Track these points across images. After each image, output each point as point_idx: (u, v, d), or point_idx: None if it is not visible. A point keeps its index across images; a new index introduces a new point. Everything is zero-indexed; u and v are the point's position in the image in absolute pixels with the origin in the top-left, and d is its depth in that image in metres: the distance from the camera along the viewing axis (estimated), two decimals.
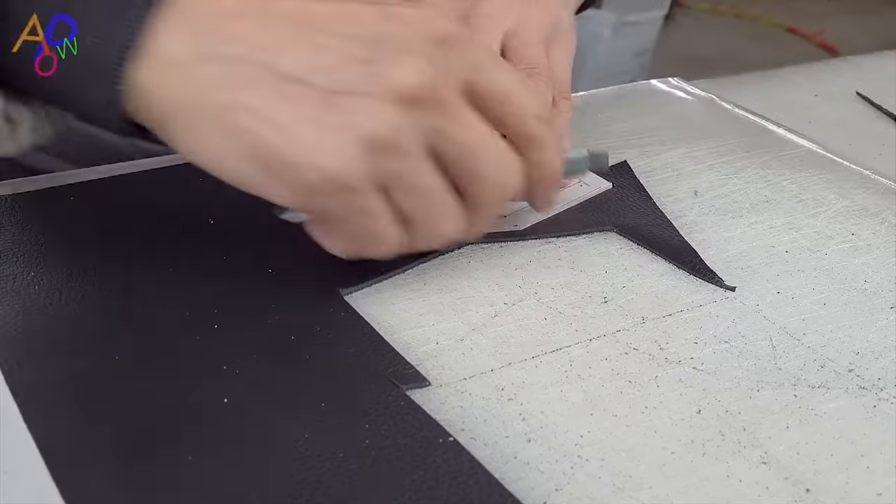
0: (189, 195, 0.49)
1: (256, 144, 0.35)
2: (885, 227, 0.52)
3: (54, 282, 0.41)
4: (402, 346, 0.40)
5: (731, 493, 0.34)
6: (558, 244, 0.48)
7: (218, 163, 0.36)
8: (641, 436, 0.37)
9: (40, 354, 0.38)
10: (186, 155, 0.37)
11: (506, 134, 0.40)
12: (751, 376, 0.40)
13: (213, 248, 0.45)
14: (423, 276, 0.45)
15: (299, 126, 0.35)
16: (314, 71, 0.35)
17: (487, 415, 0.37)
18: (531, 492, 0.34)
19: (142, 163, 0.53)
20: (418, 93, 0.36)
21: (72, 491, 0.31)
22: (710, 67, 2.69)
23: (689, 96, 0.69)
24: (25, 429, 0.34)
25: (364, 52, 0.36)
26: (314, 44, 0.35)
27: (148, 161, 0.53)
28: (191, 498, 0.32)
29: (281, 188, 0.36)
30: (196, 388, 0.36)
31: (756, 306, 0.45)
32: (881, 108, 0.70)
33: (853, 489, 0.35)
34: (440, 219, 0.39)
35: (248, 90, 0.35)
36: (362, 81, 0.35)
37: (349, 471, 0.33)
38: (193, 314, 0.40)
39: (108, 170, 0.51)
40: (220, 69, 0.35)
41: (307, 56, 0.35)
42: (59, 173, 0.50)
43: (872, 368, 0.41)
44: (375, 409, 0.36)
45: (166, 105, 0.36)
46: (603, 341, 0.42)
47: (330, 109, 0.35)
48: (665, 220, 0.51)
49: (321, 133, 0.35)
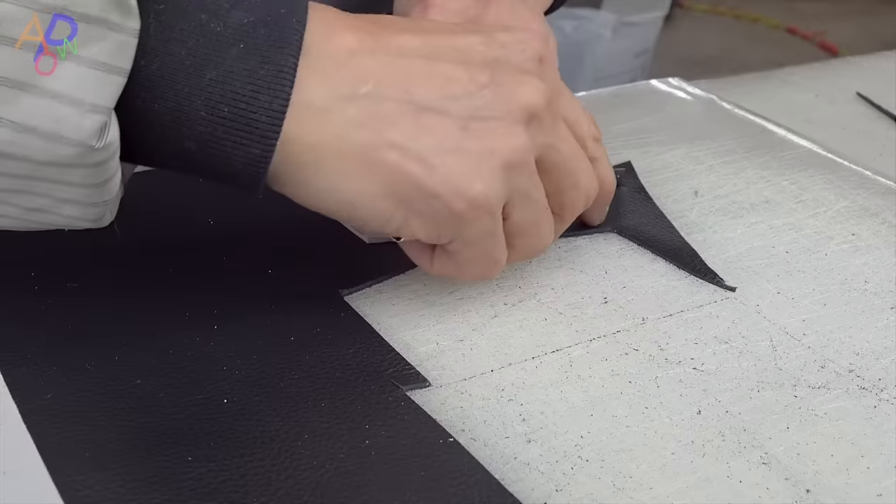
0: (189, 195, 0.49)
1: (400, 180, 0.36)
2: (886, 228, 0.52)
3: (54, 282, 0.41)
4: (403, 347, 0.40)
5: (731, 493, 0.34)
6: (558, 245, 0.48)
7: (354, 203, 0.36)
8: (641, 436, 0.36)
9: (40, 354, 0.38)
10: (315, 201, 0.37)
11: None
12: (751, 377, 0.40)
13: (213, 248, 0.45)
14: (422, 277, 0.45)
15: (443, 157, 0.36)
16: (447, 100, 0.36)
17: (487, 415, 0.37)
18: (531, 492, 0.34)
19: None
20: (540, 110, 0.38)
21: (71, 491, 0.31)
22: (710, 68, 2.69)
23: (689, 97, 0.68)
24: (25, 429, 0.34)
25: (487, 77, 0.37)
26: (440, 74, 0.37)
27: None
28: (191, 498, 0.32)
29: (416, 221, 0.37)
30: (196, 389, 0.36)
31: (756, 307, 0.45)
32: (881, 108, 0.70)
33: (853, 490, 0.35)
34: (543, 230, 0.41)
35: (389, 127, 0.36)
36: (494, 105, 0.37)
37: (349, 471, 0.33)
38: (193, 315, 0.40)
39: None
40: (360, 109, 0.35)
41: (438, 87, 0.36)
42: None
43: (873, 369, 0.41)
44: (375, 409, 0.36)
45: (308, 153, 0.35)
46: (603, 342, 0.42)
47: (467, 136, 0.36)
48: (665, 221, 0.50)
49: (465, 161, 0.36)
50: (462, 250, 0.39)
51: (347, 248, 0.46)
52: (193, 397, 0.36)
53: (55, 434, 0.34)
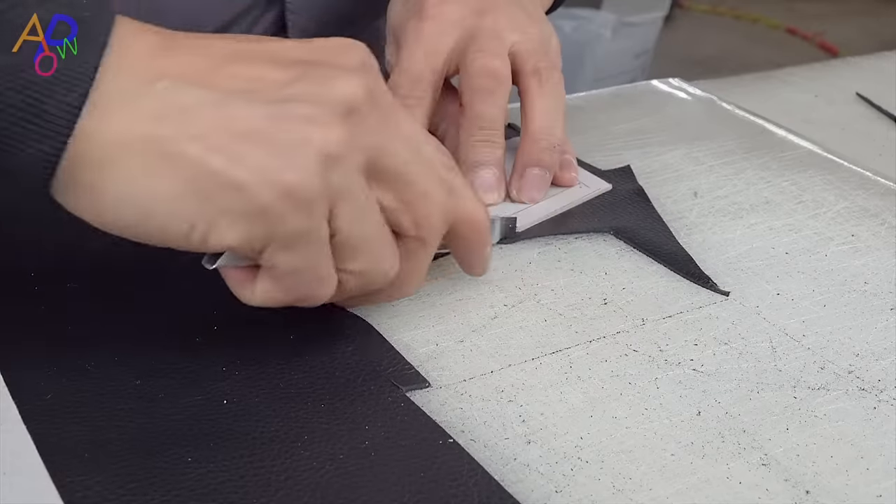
0: None
1: (203, 175, 0.32)
2: (885, 229, 0.52)
3: (54, 282, 0.41)
4: (402, 348, 0.40)
5: (730, 494, 0.34)
6: (558, 246, 0.48)
7: (151, 210, 0.33)
8: (641, 437, 0.36)
9: (40, 355, 0.38)
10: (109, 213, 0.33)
11: None
12: (751, 378, 0.40)
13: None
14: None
15: (249, 146, 0.33)
16: (255, 91, 0.34)
17: (487, 416, 0.37)
18: (531, 493, 0.34)
19: None
20: (360, 104, 0.35)
21: (71, 491, 0.31)
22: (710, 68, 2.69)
23: (689, 97, 0.69)
24: (25, 429, 0.34)
25: (299, 71, 0.35)
26: (248, 69, 0.34)
27: None
28: (190, 498, 0.32)
29: (223, 224, 0.33)
30: (195, 389, 0.36)
31: (756, 308, 0.45)
32: (881, 108, 0.70)
33: (853, 491, 0.35)
34: (381, 251, 0.37)
35: (190, 119, 0.33)
36: (307, 95, 0.34)
37: (349, 472, 0.33)
38: (193, 315, 0.40)
39: None
40: (159, 102, 0.33)
41: (245, 78, 0.34)
42: None
43: (872, 370, 0.41)
44: (375, 410, 0.36)
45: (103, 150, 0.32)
46: (603, 343, 0.42)
47: (277, 125, 0.33)
48: (661, 224, 0.50)
49: (274, 150, 0.33)
50: (280, 261, 0.34)
51: None
52: (193, 398, 0.36)
53: (55, 434, 0.34)
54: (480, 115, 0.49)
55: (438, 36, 0.50)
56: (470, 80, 0.50)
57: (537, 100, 0.50)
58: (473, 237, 0.41)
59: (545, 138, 0.50)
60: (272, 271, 0.35)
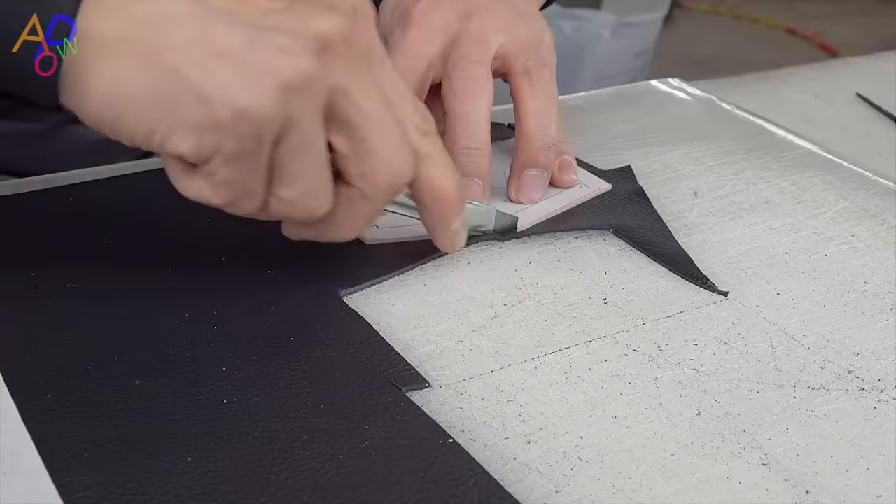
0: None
1: (174, 83, 0.35)
2: (885, 229, 0.52)
3: (54, 282, 0.41)
4: (402, 348, 0.40)
5: (730, 494, 0.34)
6: (558, 246, 0.48)
7: (123, 111, 0.35)
8: (641, 437, 0.36)
9: (40, 354, 0.38)
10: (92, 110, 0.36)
11: None
12: (750, 378, 0.40)
13: (213, 248, 0.45)
14: (422, 278, 0.45)
15: (220, 63, 0.35)
16: (240, 13, 0.35)
17: (487, 416, 0.37)
18: (531, 493, 0.34)
19: (141, 163, 0.53)
20: (335, 43, 0.36)
21: (71, 491, 0.31)
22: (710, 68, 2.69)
23: (689, 97, 0.69)
24: (25, 429, 0.34)
25: (283, 3, 0.36)
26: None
27: (147, 161, 0.53)
28: (190, 498, 0.32)
29: (180, 132, 0.35)
30: (195, 389, 0.36)
31: (756, 308, 0.45)
32: (881, 109, 0.70)
33: (853, 490, 0.35)
34: (313, 184, 0.38)
35: (174, 28, 0.35)
36: (286, 25, 0.35)
37: (349, 472, 0.33)
38: (193, 315, 0.40)
39: (107, 170, 0.51)
40: (148, 8, 0.35)
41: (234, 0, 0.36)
42: (57, 174, 0.50)
43: (872, 370, 0.41)
44: (375, 410, 0.36)
45: (93, 45, 0.35)
46: (603, 343, 0.42)
47: (252, 48, 0.35)
48: (661, 224, 0.50)
49: (241, 71, 0.35)
50: (219, 170, 0.36)
51: (347, 248, 0.46)
52: (193, 398, 0.36)
53: (55, 434, 0.34)
54: (462, 120, 0.49)
55: (422, 42, 0.50)
56: (451, 86, 0.50)
57: (529, 100, 0.51)
58: (436, 208, 0.41)
59: (540, 138, 0.50)
60: (209, 177, 0.37)
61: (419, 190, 0.41)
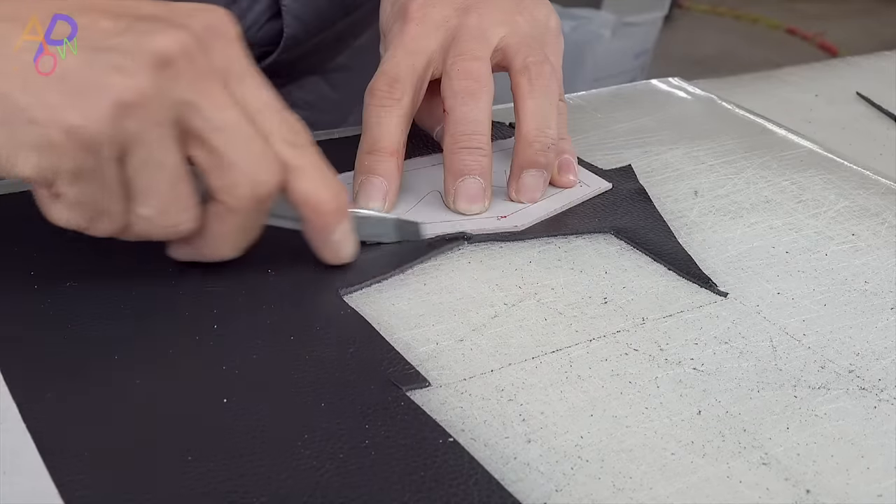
0: None
1: (8, 109, 0.36)
2: (886, 228, 0.52)
3: (53, 281, 0.41)
4: (402, 347, 0.40)
5: (731, 494, 0.34)
6: (558, 245, 0.48)
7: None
8: (641, 436, 0.36)
9: (40, 354, 0.38)
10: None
11: None
12: (751, 377, 0.40)
13: None
14: (422, 277, 0.45)
15: (50, 85, 0.36)
16: (80, 38, 0.36)
17: (487, 415, 0.37)
18: (531, 493, 0.34)
19: None
20: (175, 59, 0.37)
21: (71, 490, 0.31)
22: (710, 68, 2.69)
23: (689, 96, 0.68)
24: (25, 428, 0.34)
25: (130, 23, 0.37)
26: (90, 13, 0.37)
27: None
28: (190, 498, 0.32)
29: (22, 155, 0.36)
30: (196, 388, 0.36)
31: (756, 307, 0.45)
32: (881, 108, 0.70)
33: (853, 490, 0.35)
34: (172, 203, 0.38)
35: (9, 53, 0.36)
36: (124, 45, 0.36)
37: (349, 471, 0.33)
38: (193, 314, 0.40)
39: None
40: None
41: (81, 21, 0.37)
42: None
43: (873, 369, 0.41)
44: (375, 409, 0.36)
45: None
46: (603, 342, 0.42)
47: (86, 68, 0.36)
48: (662, 224, 0.50)
49: (72, 91, 0.36)
50: (67, 192, 0.38)
51: None
52: (193, 397, 0.36)
53: (54, 434, 0.34)
54: (463, 120, 0.48)
55: (420, 38, 0.50)
56: (451, 84, 0.49)
57: (527, 99, 0.50)
58: (313, 219, 0.42)
59: (538, 139, 0.49)
60: (62, 199, 0.38)
61: (294, 202, 0.41)
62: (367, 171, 0.48)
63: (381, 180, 0.48)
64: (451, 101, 0.49)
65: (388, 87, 0.49)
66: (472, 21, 0.51)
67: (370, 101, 0.49)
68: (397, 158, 0.49)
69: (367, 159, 0.48)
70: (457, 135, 0.49)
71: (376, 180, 0.48)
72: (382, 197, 0.48)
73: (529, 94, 0.50)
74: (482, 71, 0.49)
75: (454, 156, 0.48)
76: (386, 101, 0.49)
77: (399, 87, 0.49)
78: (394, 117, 0.49)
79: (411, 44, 0.50)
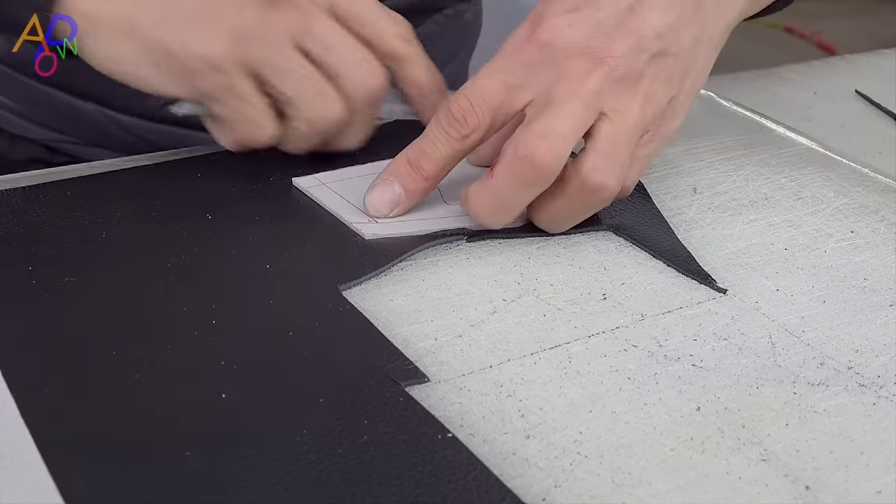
0: (187, 191, 0.49)
1: (151, 45, 0.46)
2: (885, 225, 0.52)
3: (51, 277, 0.41)
4: (401, 343, 0.40)
5: (730, 490, 0.34)
6: (557, 241, 0.48)
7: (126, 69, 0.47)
8: (640, 432, 0.36)
9: (38, 349, 0.37)
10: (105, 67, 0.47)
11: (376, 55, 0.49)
12: (750, 373, 0.40)
13: (211, 243, 0.45)
14: (421, 273, 0.45)
15: (180, 23, 0.46)
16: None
17: (486, 411, 0.37)
18: (530, 488, 0.33)
19: (139, 158, 0.53)
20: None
21: (69, 485, 0.31)
22: None
23: None
24: (23, 424, 0.34)
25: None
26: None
27: (146, 156, 0.53)
28: (188, 493, 0.32)
29: (170, 79, 0.47)
30: (194, 384, 0.36)
31: (755, 304, 0.45)
32: (880, 106, 0.70)
33: (853, 486, 0.35)
34: (315, 98, 0.47)
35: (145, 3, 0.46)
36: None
37: (348, 467, 0.33)
38: (192, 310, 0.40)
39: (106, 165, 0.51)
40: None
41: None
42: (54, 169, 0.50)
43: (872, 366, 0.41)
44: (374, 405, 0.36)
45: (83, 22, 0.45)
46: (602, 338, 0.41)
47: (208, 9, 0.46)
48: (661, 221, 0.50)
49: (195, 28, 0.46)
50: (216, 110, 0.48)
51: (345, 243, 0.46)
52: (191, 392, 0.36)
53: (53, 428, 0.34)
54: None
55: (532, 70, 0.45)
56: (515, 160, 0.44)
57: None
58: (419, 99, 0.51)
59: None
60: (214, 119, 0.48)
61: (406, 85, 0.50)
62: (396, 175, 0.47)
63: (402, 194, 0.47)
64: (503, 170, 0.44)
65: (464, 118, 0.45)
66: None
67: (441, 119, 0.45)
68: (431, 184, 0.47)
69: (404, 167, 0.46)
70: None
71: (397, 190, 0.47)
72: (391, 207, 0.47)
73: None
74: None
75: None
76: (454, 132, 0.45)
77: (474, 124, 0.45)
78: (452, 150, 0.45)
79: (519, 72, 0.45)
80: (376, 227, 0.47)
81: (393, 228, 0.47)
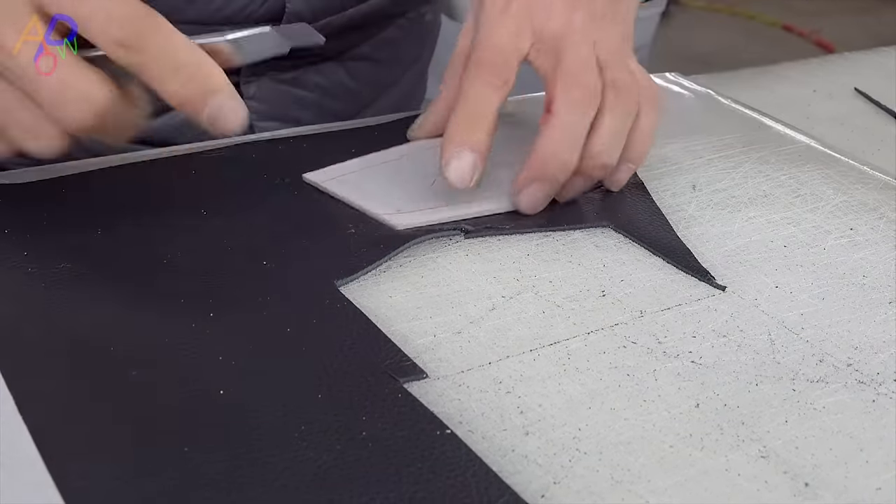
0: (184, 187, 0.49)
1: None
2: (884, 223, 0.52)
3: (48, 273, 0.41)
4: (400, 339, 0.40)
5: (729, 486, 0.34)
6: (556, 238, 0.48)
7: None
8: (640, 429, 0.36)
9: (35, 346, 0.37)
10: None
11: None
12: (749, 370, 0.40)
13: (208, 239, 0.45)
14: (420, 269, 0.45)
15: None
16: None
17: (485, 408, 0.37)
18: (529, 485, 0.33)
19: (135, 155, 0.53)
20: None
21: (67, 482, 0.31)
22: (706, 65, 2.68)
23: (687, 91, 0.68)
24: (21, 422, 0.34)
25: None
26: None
27: (142, 153, 0.53)
28: (187, 490, 0.31)
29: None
30: (192, 381, 0.36)
31: (754, 300, 0.45)
32: (879, 104, 0.70)
33: (852, 483, 0.35)
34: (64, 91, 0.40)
35: None
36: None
37: (347, 463, 0.33)
38: (189, 307, 0.40)
39: (102, 161, 0.51)
40: None
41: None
42: (50, 165, 0.50)
43: (871, 363, 0.41)
44: (373, 401, 0.36)
45: None
46: (601, 335, 0.41)
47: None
48: (661, 218, 0.50)
49: None
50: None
51: (342, 238, 0.46)
52: (189, 388, 0.36)
53: (50, 425, 0.34)
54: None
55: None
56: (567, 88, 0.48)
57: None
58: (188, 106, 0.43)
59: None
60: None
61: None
62: (461, 143, 0.47)
63: (476, 157, 0.47)
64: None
65: (497, 66, 0.48)
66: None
67: (477, 73, 0.47)
68: (493, 139, 0.48)
69: (464, 133, 0.47)
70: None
71: (471, 156, 0.47)
72: (472, 174, 0.47)
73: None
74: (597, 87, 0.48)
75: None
76: (494, 80, 0.47)
77: (507, 70, 0.48)
78: (496, 99, 0.47)
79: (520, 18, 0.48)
80: (405, 217, 0.47)
81: (423, 217, 0.47)
